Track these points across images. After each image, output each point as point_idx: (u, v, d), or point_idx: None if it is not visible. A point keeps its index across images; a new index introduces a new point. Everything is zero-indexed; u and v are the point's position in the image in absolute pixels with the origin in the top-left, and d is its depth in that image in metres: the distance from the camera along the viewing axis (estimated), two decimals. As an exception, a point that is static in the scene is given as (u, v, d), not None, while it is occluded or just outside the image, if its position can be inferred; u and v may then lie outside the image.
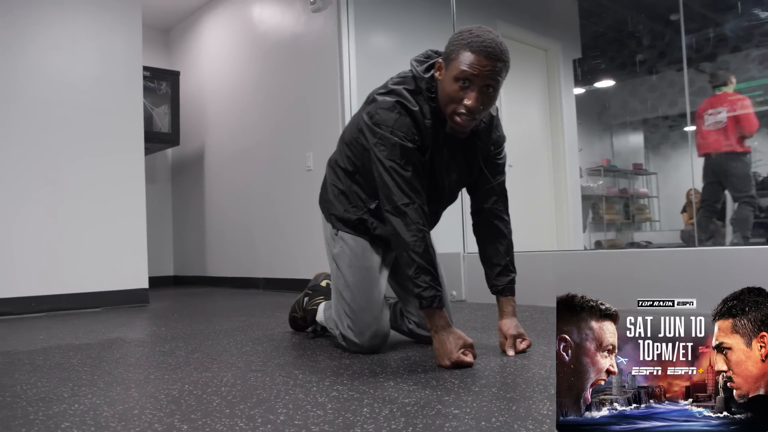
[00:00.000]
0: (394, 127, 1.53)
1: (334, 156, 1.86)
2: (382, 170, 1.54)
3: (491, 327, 2.21)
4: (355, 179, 1.76)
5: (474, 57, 1.45)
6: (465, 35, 1.48)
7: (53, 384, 1.46)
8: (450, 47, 1.51)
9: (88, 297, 3.44)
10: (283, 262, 4.47)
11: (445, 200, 1.76)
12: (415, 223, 1.51)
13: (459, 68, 1.47)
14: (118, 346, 2.07)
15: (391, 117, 1.54)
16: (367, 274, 1.74)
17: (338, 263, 1.78)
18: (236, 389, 1.34)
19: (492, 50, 1.45)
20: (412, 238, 1.50)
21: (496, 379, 1.37)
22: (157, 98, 4.92)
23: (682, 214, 7.27)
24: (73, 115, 3.48)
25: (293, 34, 4.38)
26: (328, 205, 1.84)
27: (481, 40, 1.45)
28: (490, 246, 1.77)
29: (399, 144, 1.53)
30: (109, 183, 3.58)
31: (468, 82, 1.47)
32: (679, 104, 7.44)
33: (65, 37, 3.50)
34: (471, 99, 1.48)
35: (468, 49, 1.45)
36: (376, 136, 1.56)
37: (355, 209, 1.75)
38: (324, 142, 4.04)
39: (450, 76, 1.49)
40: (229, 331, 2.32)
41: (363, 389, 1.30)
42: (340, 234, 1.78)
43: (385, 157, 1.53)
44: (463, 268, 3.32)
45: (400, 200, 1.52)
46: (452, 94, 1.50)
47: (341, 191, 1.78)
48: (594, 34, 6.58)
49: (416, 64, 1.63)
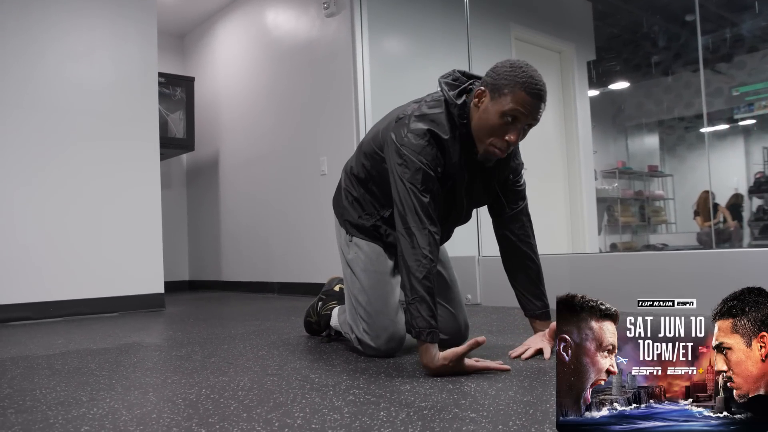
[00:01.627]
0: (421, 153, 1.54)
1: (350, 163, 1.88)
2: (401, 190, 1.55)
3: (507, 330, 2.20)
4: (368, 188, 1.78)
5: (527, 98, 1.47)
6: (518, 72, 1.48)
7: (72, 388, 1.47)
8: (500, 80, 1.50)
9: (105, 302, 3.47)
10: (298, 266, 4.48)
11: (461, 220, 1.79)
12: (422, 248, 1.50)
13: (510, 105, 1.48)
14: (135, 350, 2.08)
15: (419, 144, 1.55)
16: (382, 278, 1.74)
17: (353, 268, 1.79)
18: (253, 393, 1.34)
19: (543, 93, 1.49)
20: (415, 263, 1.49)
21: (513, 383, 1.36)
22: (172, 104, 4.97)
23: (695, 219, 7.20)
24: (89, 122, 3.52)
25: (307, 39, 4.40)
26: (342, 211, 1.86)
27: (535, 82, 1.47)
28: (521, 275, 1.78)
29: (423, 170, 1.54)
30: (125, 188, 3.62)
31: (515, 119, 1.50)
32: (695, 105, 7.37)
33: (81, 44, 3.55)
34: (514, 135, 1.51)
35: (523, 89, 1.47)
36: (402, 157, 1.56)
37: (368, 216, 1.78)
38: (338, 146, 4.05)
39: (497, 109, 1.50)
40: (244, 336, 2.33)
41: (379, 393, 1.30)
42: (354, 240, 1.80)
43: (407, 179, 1.54)
44: (479, 271, 3.31)
45: (413, 223, 1.52)
46: (496, 128, 1.51)
47: (355, 198, 1.81)
48: (608, 35, 6.54)
49: (447, 88, 1.61)
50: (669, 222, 8.18)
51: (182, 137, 5.03)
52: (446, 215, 1.70)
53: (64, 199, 3.40)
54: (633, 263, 2.75)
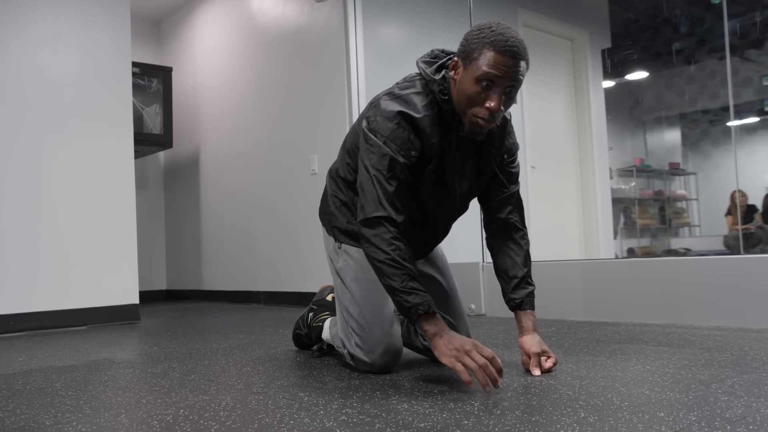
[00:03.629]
0: (388, 137, 1.57)
1: (335, 165, 1.90)
2: (365, 177, 1.59)
3: (513, 343, 2.20)
4: (356, 190, 1.77)
5: (498, 57, 1.48)
6: (486, 33, 1.50)
7: (34, 411, 1.47)
8: (469, 45, 1.53)
9: (73, 314, 3.46)
10: (287, 274, 4.48)
11: (456, 210, 1.80)
12: (389, 232, 1.54)
13: (482, 69, 1.49)
14: (106, 367, 2.08)
15: (387, 127, 1.57)
16: (375, 287, 1.73)
17: (343, 277, 1.79)
18: (236, 414, 1.34)
19: (516, 49, 1.48)
20: (389, 247, 1.53)
21: (520, 401, 1.36)
22: (147, 97, 4.97)
23: (726, 217, 7.21)
24: (55, 116, 3.52)
25: (296, 27, 4.40)
26: (329, 218, 1.88)
27: (505, 39, 1.48)
28: (506, 258, 1.79)
29: (389, 156, 1.56)
30: (96, 189, 3.61)
31: (491, 83, 1.50)
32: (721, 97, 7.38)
33: (46, 31, 3.55)
34: (494, 101, 1.50)
35: (492, 48, 1.48)
36: (368, 142, 1.60)
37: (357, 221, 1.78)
38: (329, 143, 4.06)
39: (471, 76, 1.51)
40: (227, 350, 2.33)
41: (374, 412, 1.30)
42: (343, 247, 1.81)
43: (371, 165, 1.57)
44: (483, 279, 3.31)
45: (375, 211, 1.55)
46: (473, 96, 1.52)
47: (343, 202, 1.83)
48: (625, 21, 6.56)
49: (425, 66, 1.65)
50: (692, 224, 8.18)
51: (159, 133, 5.03)
52: (438, 203, 1.71)
53: (26, 200, 3.40)
54: (653, 270, 2.75)
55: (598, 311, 2.87)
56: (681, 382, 1.48)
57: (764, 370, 1.60)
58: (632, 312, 2.76)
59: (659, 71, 7.82)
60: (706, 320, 2.53)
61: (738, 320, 2.45)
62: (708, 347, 2.00)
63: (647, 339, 2.22)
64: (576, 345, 2.15)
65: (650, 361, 1.79)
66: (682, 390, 1.40)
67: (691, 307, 2.58)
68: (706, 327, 2.47)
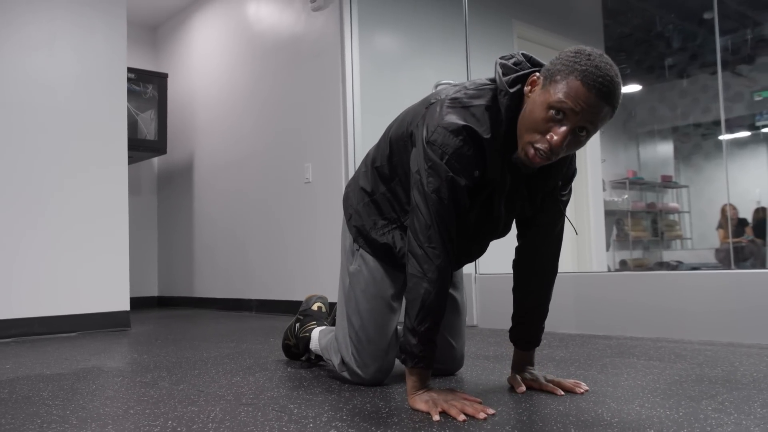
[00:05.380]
0: (452, 156, 1.39)
1: (372, 152, 1.74)
2: (420, 200, 1.43)
3: (506, 356, 2.19)
4: (391, 187, 1.66)
5: (582, 90, 1.27)
6: (581, 59, 1.29)
7: (19, 421, 1.45)
8: (557, 65, 1.32)
9: (62, 320, 3.44)
10: (279, 282, 4.46)
11: (498, 233, 1.62)
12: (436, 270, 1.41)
13: (558, 96, 1.29)
14: (95, 376, 2.06)
15: (452, 143, 1.39)
16: (382, 304, 1.70)
17: (352, 282, 1.74)
18: (225, 426, 1.33)
19: (607, 90, 1.27)
20: (431, 285, 1.41)
21: (510, 416, 1.35)
22: (142, 102, 4.96)
23: (718, 230, 7.24)
24: (49, 121, 3.50)
25: (292, 35, 4.41)
26: (352, 213, 1.76)
27: (599, 74, 1.27)
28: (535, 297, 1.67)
29: (451, 179, 1.39)
30: (88, 194, 3.59)
31: (563, 115, 1.30)
32: (712, 111, 7.43)
33: (41, 35, 3.54)
34: (558, 135, 1.30)
35: (579, 77, 1.27)
36: (428, 160, 1.41)
37: (385, 223, 1.68)
38: (324, 152, 4.05)
39: (544, 99, 1.31)
40: (217, 359, 2.31)
41: (364, 426, 1.29)
42: (361, 251, 1.73)
43: (431, 190, 1.40)
44: (475, 290, 3.31)
45: (427, 242, 1.41)
46: (538, 123, 1.33)
47: (373, 199, 1.69)
48: (619, 34, 6.60)
49: (501, 71, 1.44)
50: (684, 237, 8.22)
51: (153, 139, 5.02)
52: (478, 228, 1.55)
53: (17, 204, 3.38)
54: (645, 283, 2.75)
55: (589, 324, 2.87)
56: (671, 398, 1.48)
57: (754, 386, 1.60)
58: (624, 325, 2.76)
59: (652, 85, 7.88)
60: (697, 335, 2.53)
61: (728, 335, 2.45)
62: (699, 362, 1.99)
63: (638, 353, 2.22)
64: (567, 358, 2.14)
65: (641, 376, 1.79)
66: (672, 406, 1.40)
67: (682, 321, 2.58)
68: (697, 341, 2.47)
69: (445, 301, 1.45)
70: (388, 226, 1.67)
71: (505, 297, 1.78)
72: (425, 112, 1.49)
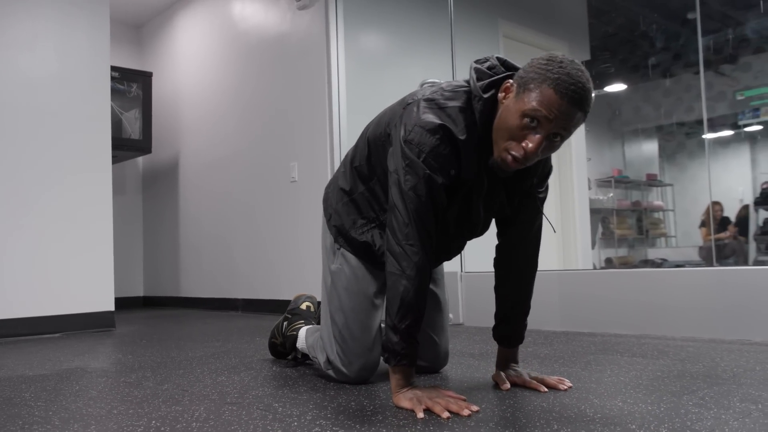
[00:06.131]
0: (429, 154, 1.41)
1: (351, 153, 1.76)
2: (398, 198, 1.44)
3: (491, 354, 2.20)
4: (370, 186, 1.68)
5: (555, 98, 1.30)
6: (553, 66, 1.31)
7: (0, 422, 1.44)
8: (530, 73, 1.34)
9: (46, 321, 3.41)
10: (265, 281, 4.45)
11: (477, 232, 1.65)
12: (415, 266, 1.42)
13: (531, 104, 1.31)
14: (78, 377, 2.04)
15: (429, 142, 1.41)
16: (364, 301, 1.72)
17: (334, 281, 1.75)
18: (209, 425, 1.33)
19: (579, 97, 1.30)
20: (410, 282, 1.42)
21: (494, 413, 1.36)
22: (126, 101, 4.92)
23: (700, 229, 7.32)
24: (30, 120, 3.47)
25: (277, 34, 4.39)
26: (331, 213, 1.78)
27: (571, 81, 1.30)
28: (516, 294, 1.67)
29: (428, 176, 1.41)
30: (72, 194, 3.57)
31: (537, 122, 1.33)
32: (696, 110, 7.50)
33: (22, 33, 3.50)
34: (533, 142, 1.34)
35: (551, 85, 1.30)
36: (405, 158, 1.43)
37: (364, 222, 1.69)
38: (310, 151, 4.05)
39: (518, 107, 1.34)
40: (203, 359, 2.30)
41: (348, 424, 1.29)
42: (342, 250, 1.74)
43: (408, 187, 1.42)
44: (461, 288, 3.32)
45: (404, 240, 1.42)
46: (513, 130, 1.36)
47: (352, 199, 1.71)
48: (603, 34, 6.64)
49: (476, 76, 1.46)
50: (669, 235, 8.29)
51: (138, 138, 4.99)
52: (458, 230, 1.58)
53: (0, 205, 3.34)
54: (630, 281, 2.78)
55: (574, 321, 2.89)
56: (653, 394, 1.49)
57: (734, 381, 1.62)
58: (608, 323, 2.78)
59: (637, 84, 7.93)
60: (680, 331, 2.56)
61: (710, 331, 2.48)
62: (681, 358, 2.02)
63: (622, 350, 2.24)
64: (551, 356, 2.16)
65: (624, 372, 1.80)
66: (654, 402, 1.41)
67: (666, 318, 2.61)
68: (680, 338, 2.50)
69: (425, 298, 1.46)
70: (368, 225, 1.69)
71: (491, 295, 1.78)
72: (402, 112, 1.50)
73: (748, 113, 7.27)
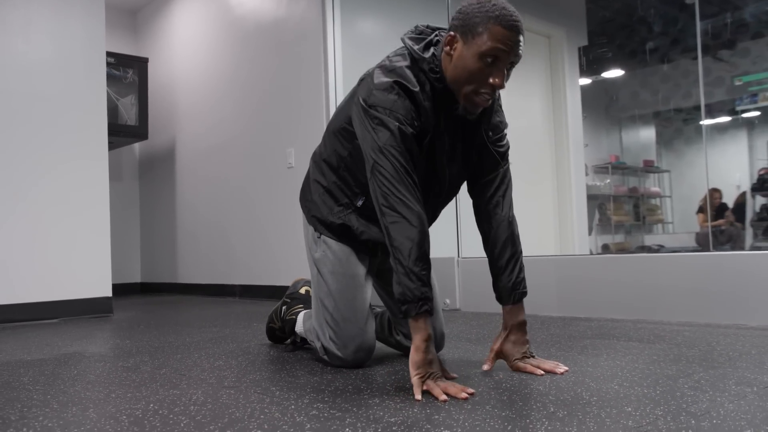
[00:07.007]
0: (392, 109, 1.49)
1: (318, 149, 1.84)
2: (380, 157, 1.48)
3: (487, 338, 2.21)
4: (340, 174, 1.73)
5: (505, 32, 1.43)
6: (488, 7, 1.45)
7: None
8: (471, 19, 1.46)
9: (44, 307, 3.41)
10: (262, 267, 4.46)
11: (445, 194, 1.71)
12: (415, 213, 1.46)
13: (488, 44, 1.44)
14: (76, 361, 2.05)
15: (388, 98, 1.50)
16: (352, 282, 1.74)
17: (320, 268, 1.78)
18: (206, 408, 1.33)
19: (519, 24, 1.45)
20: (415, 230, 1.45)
21: (491, 396, 1.37)
22: (122, 87, 4.90)
23: (697, 215, 7.33)
24: (25, 106, 3.45)
25: (274, 19, 4.36)
26: (310, 206, 1.83)
27: (509, 13, 1.45)
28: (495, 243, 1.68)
29: (398, 128, 1.47)
30: (69, 181, 3.56)
31: (496, 59, 1.46)
32: (693, 96, 7.48)
33: (16, 19, 3.47)
34: (498, 77, 1.47)
35: (498, 23, 1.43)
36: (372, 119, 1.50)
37: (341, 209, 1.74)
38: (307, 136, 4.04)
39: (474, 51, 1.45)
40: (200, 344, 2.31)
41: (345, 407, 1.30)
42: (323, 237, 1.78)
43: (383, 144, 1.47)
44: (458, 274, 3.32)
45: (396, 191, 1.46)
46: (475, 73, 1.47)
47: (325, 189, 1.77)
48: (601, 19, 6.61)
49: (412, 43, 1.57)
50: (666, 221, 8.31)
51: (134, 124, 4.97)
52: (427, 188, 1.62)
53: (-1, 192, 3.34)
54: (627, 266, 2.78)
55: (571, 307, 2.90)
56: (649, 377, 1.50)
57: (730, 365, 1.63)
58: (605, 308, 2.79)
59: (634, 70, 7.90)
60: (676, 316, 2.57)
61: (706, 316, 2.49)
62: (677, 342, 2.02)
63: (618, 334, 2.25)
64: (548, 340, 2.16)
65: (620, 356, 1.81)
66: (649, 385, 1.42)
67: (662, 303, 2.61)
68: (676, 323, 2.51)
69: (429, 248, 1.49)
70: (344, 210, 1.75)
71: (488, 280, 1.78)
72: (358, 89, 1.61)
73: (746, 99, 7.24)
